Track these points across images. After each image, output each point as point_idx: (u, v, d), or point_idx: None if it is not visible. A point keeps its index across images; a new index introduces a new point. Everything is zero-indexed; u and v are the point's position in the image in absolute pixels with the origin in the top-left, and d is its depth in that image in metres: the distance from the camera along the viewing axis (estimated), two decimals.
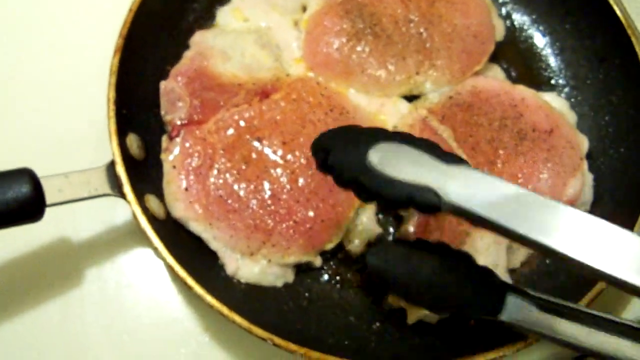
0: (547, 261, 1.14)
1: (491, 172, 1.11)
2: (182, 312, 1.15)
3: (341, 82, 1.22)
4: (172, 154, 1.11)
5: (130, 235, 1.17)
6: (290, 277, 1.12)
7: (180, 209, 1.09)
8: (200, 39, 1.21)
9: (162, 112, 1.15)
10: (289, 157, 1.12)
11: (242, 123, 1.14)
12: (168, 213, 1.09)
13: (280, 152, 1.13)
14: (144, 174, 1.10)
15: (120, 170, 1.03)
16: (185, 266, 1.00)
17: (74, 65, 1.30)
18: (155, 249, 1.00)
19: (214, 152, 1.11)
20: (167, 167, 1.11)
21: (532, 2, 1.34)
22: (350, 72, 1.21)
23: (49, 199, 0.99)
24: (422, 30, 1.23)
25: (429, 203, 0.80)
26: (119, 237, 1.19)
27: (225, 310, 0.98)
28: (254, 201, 1.10)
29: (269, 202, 1.10)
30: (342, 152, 0.87)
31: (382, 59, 1.22)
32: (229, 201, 1.09)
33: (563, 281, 1.11)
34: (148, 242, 1.01)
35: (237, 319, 0.97)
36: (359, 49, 1.22)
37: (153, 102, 1.16)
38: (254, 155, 1.12)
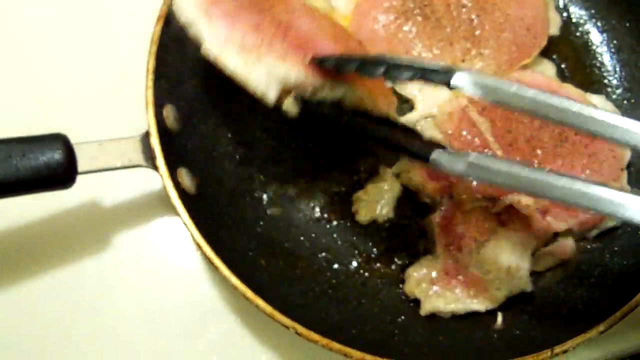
0: (583, 267, 1.11)
1: None
2: (214, 291, 1.15)
3: None
4: None
5: (167, 205, 1.12)
6: (272, 94, 0.97)
7: None
8: None
9: None
10: None
11: None
12: (199, 188, 1.08)
13: None
14: (179, 146, 1.08)
15: (155, 142, 1.02)
16: (213, 245, 0.99)
17: (115, 31, 1.28)
18: (185, 225, 1.00)
19: None
20: None
21: None
22: (394, 51, 1.18)
23: (81, 167, 0.98)
24: (473, 16, 1.18)
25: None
26: (157, 206, 1.18)
27: (249, 293, 0.96)
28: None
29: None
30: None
31: (428, 42, 1.18)
32: None
33: (598, 290, 1.08)
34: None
35: (261, 303, 0.96)
36: (405, 28, 1.18)
37: (194, 72, 1.14)
38: None
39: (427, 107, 1.16)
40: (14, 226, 1.15)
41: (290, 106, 0.99)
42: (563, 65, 1.24)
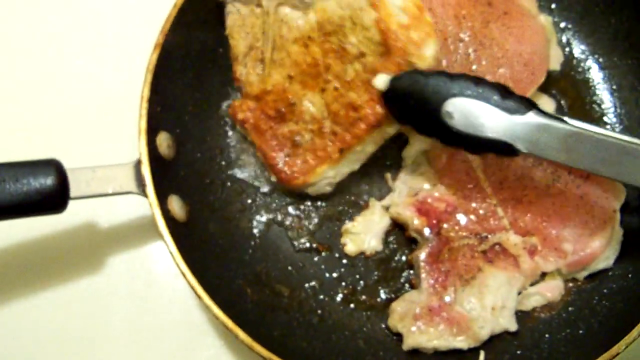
0: (570, 309, 1.11)
1: (516, 208, 1.11)
2: (204, 315, 1.17)
3: None
4: None
5: None
6: None
7: None
8: None
9: None
10: None
11: None
12: (189, 216, 1.09)
13: None
14: (172, 173, 1.10)
15: (146, 170, 1.04)
16: (198, 273, 1.00)
17: (112, 58, 1.31)
18: (171, 254, 1.01)
19: None
20: None
21: (596, 32, 1.25)
22: None
23: (73, 192, 1.01)
24: (470, 51, 1.17)
25: (506, 153, 0.98)
26: (151, 231, 1.19)
27: (229, 323, 0.98)
28: None
29: None
30: (416, 109, 1.01)
31: None
32: None
33: (582, 333, 1.07)
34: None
35: (240, 334, 0.97)
36: None
37: (189, 100, 1.16)
38: None
39: (421, 142, 1.16)
40: (6, 248, 1.18)
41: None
42: (562, 102, 1.23)
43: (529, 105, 0.97)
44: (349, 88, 1.08)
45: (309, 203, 1.19)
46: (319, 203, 1.19)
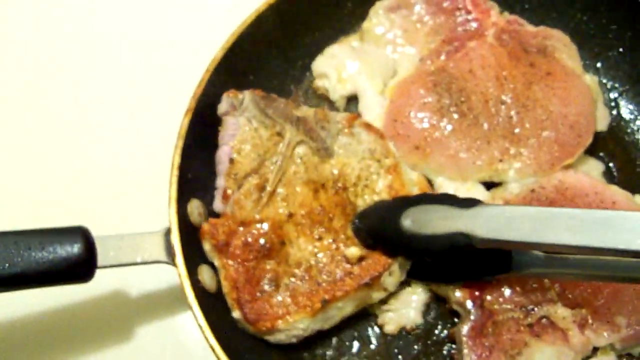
0: None
1: None
2: None
3: (416, 158, 1.15)
4: None
5: None
6: None
7: None
8: None
9: None
10: None
11: None
12: (219, 287, 1.05)
13: None
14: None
15: (175, 239, 1.00)
16: (227, 348, 0.96)
17: (142, 124, 1.30)
18: (200, 327, 0.97)
19: None
20: None
21: None
22: (428, 149, 1.14)
23: (100, 261, 0.98)
24: (513, 113, 1.14)
25: (464, 244, 0.94)
26: (182, 300, 1.11)
27: None
28: None
29: None
30: (379, 231, 1.05)
31: (464, 141, 1.14)
32: None
33: None
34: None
35: None
36: (441, 126, 1.15)
37: None
38: None
39: None
40: (33, 317, 1.15)
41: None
42: (611, 164, 1.18)
43: (478, 200, 0.99)
44: (346, 244, 1.06)
45: None
46: None
